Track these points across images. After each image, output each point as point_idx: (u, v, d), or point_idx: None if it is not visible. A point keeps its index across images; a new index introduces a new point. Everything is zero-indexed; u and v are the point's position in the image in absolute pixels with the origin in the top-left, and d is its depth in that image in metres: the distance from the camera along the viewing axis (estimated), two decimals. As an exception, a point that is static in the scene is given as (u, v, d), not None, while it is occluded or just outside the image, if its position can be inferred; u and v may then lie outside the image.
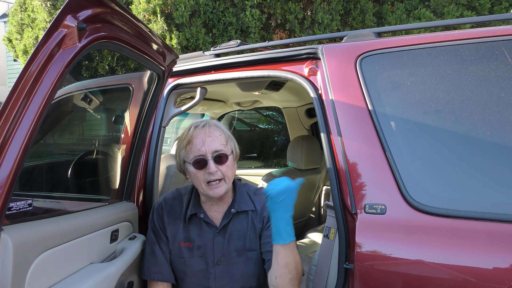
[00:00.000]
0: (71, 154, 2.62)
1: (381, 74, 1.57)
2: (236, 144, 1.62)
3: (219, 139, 1.52)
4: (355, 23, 5.55)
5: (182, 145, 1.54)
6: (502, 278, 1.18)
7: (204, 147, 1.49)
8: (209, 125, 1.55)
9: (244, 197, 1.63)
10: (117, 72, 5.67)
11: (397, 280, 1.32)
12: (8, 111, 1.04)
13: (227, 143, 1.55)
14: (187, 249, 1.59)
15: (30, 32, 6.64)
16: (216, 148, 1.50)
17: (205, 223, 1.59)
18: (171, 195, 1.69)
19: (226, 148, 1.53)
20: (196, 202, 1.62)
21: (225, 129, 1.60)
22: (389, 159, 1.43)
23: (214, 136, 1.52)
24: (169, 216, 1.63)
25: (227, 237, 1.57)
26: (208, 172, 1.49)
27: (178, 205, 1.65)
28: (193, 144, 1.50)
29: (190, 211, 1.60)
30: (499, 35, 1.41)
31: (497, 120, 1.35)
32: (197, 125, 1.55)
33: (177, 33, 5.07)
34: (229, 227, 1.59)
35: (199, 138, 1.51)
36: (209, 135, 1.51)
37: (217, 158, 1.50)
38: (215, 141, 1.51)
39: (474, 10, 5.60)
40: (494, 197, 1.31)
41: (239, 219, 1.60)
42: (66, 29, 1.11)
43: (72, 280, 1.34)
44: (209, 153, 1.49)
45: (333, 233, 1.61)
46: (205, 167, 1.49)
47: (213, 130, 1.53)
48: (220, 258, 1.57)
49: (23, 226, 1.17)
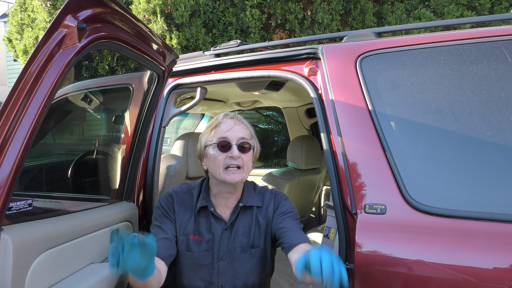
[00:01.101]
0: (71, 154, 2.62)
1: (381, 74, 1.57)
2: (259, 145, 1.67)
3: (245, 131, 1.58)
4: (355, 23, 5.55)
5: (208, 129, 1.58)
6: (502, 278, 1.18)
7: (231, 132, 1.54)
8: (238, 117, 1.61)
9: (251, 193, 1.65)
10: (117, 72, 5.67)
11: (397, 280, 1.32)
12: (8, 111, 1.04)
13: (251, 137, 1.60)
14: (196, 242, 1.58)
15: (30, 32, 6.64)
16: (243, 136, 1.54)
17: (214, 218, 1.59)
18: (180, 189, 1.66)
19: (251, 141, 1.58)
20: (206, 195, 1.62)
21: (252, 128, 1.65)
22: (389, 159, 1.43)
23: (242, 125, 1.58)
24: (180, 206, 1.61)
25: (233, 233, 1.58)
26: (230, 156, 1.51)
27: (189, 198, 1.64)
28: (221, 128, 1.55)
29: (201, 203, 1.60)
30: (499, 35, 1.41)
31: (497, 120, 1.35)
32: (227, 114, 1.61)
33: (177, 33, 5.06)
34: (236, 222, 1.60)
35: (227, 124, 1.55)
36: (237, 124, 1.57)
37: (241, 146, 1.53)
38: (241, 130, 1.56)
39: (474, 10, 5.60)
40: (494, 197, 1.31)
41: (245, 215, 1.61)
42: (66, 29, 1.11)
43: (72, 280, 1.34)
44: (234, 139, 1.53)
45: (333, 233, 1.61)
46: (228, 150, 1.52)
47: (241, 123, 1.60)
48: (225, 253, 1.57)
49: (23, 226, 1.17)
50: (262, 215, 1.62)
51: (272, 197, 1.65)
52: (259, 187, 1.72)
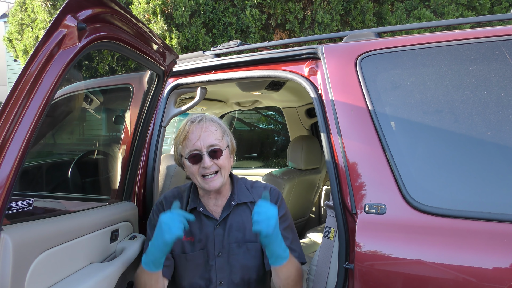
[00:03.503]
0: (71, 154, 2.61)
1: (381, 74, 1.57)
2: (233, 139, 1.65)
3: (215, 134, 1.55)
4: (355, 23, 5.54)
5: (179, 140, 1.58)
6: (502, 278, 1.18)
7: (199, 141, 1.52)
8: (205, 120, 1.58)
9: (242, 190, 1.67)
10: (117, 72, 5.67)
11: (397, 280, 1.32)
12: (8, 111, 1.04)
13: (222, 137, 1.57)
14: (189, 243, 1.61)
15: (30, 32, 6.64)
16: (211, 143, 1.53)
17: (205, 217, 1.62)
18: (171, 193, 1.72)
19: (222, 143, 1.56)
20: (195, 197, 1.65)
21: (222, 123, 1.62)
22: (389, 159, 1.43)
23: (209, 131, 1.54)
24: None
25: (227, 229, 1.60)
26: (203, 166, 1.52)
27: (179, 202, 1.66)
28: (189, 139, 1.54)
29: (190, 205, 1.63)
30: (499, 35, 1.41)
31: (497, 120, 1.35)
32: (193, 120, 1.58)
33: (177, 33, 5.06)
34: (229, 219, 1.62)
35: (194, 133, 1.53)
36: (204, 130, 1.54)
37: (212, 153, 1.52)
38: (210, 136, 1.53)
39: (474, 10, 5.59)
40: (494, 197, 1.31)
41: (239, 211, 1.63)
42: (66, 29, 1.11)
43: (72, 280, 1.34)
44: (204, 147, 1.52)
45: (333, 233, 1.61)
46: (200, 161, 1.52)
47: (209, 125, 1.56)
48: (221, 250, 1.59)
49: (23, 226, 1.17)
50: None
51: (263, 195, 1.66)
52: (250, 181, 1.73)
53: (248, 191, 1.67)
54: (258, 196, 1.65)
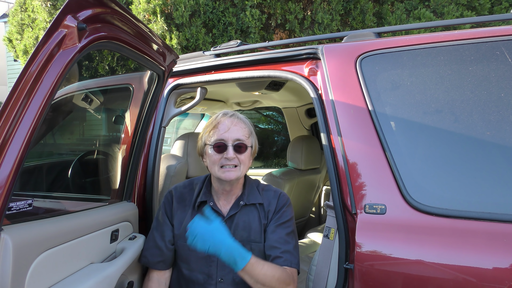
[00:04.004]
0: (71, 154, 2.61)
1: (381, 74, 1.57)
2: (257, 142, 1.69)
3: (243, 130, 1.60)
4: (355, 23, 5.54)
5: (207, 128, 1.62)
6: (502, 278, 1.18)
7: (228, 133, 1.57)
8: (237, 116, 1.63)
9: (253, 191, 1.69)
10: (117, 72, 5.67)
11: (397, 280, 1.32)
12: (8, 111, 1.04)
13: (249, 136, 1.62)
14: None
15: (30, 32, 6.64)
16: (239, 137, 1.57)
17: (213, 212, 1.62)
18: (182, 184, 1.76)
19: (248, 140, 1.61)
20: (207, 190, 1.69)
21: (250, 125, 1.67)
22: (389, 159, 1.43)
23: (239, 126, 1.60)
24: (179, 202, 1.69)
25: (233, 227, 1.62)
26: (226, 157, 1.55)
27: (189, 193, 1.71)
28: (218, 129, 1.58)
29: (201, 198, 1.66)
30: (499, 35, 1.41)
31: (497, 120, 1.35)
32: (226, 113, 1.63)
33: (177, 33, 5.06)
34: (236, 217, 1.64)
35: (224, 124, 1.58)
36: (235, 124, 1.59)
37: (237, 147, 1.57)
38: (239, 131, 1.58)
39: (474, 10, 5.59)
40: (494, 197, 1.31)
41: (247, 211, 1.65)
42: (66, 29, 1.11)
43: (72, 280, 1.34)
44: (230, 139, 1.56)
45: (333, 233, 1.61)
46: (224, 151, 1.56)
47: (239, 121, 1.61)
48: None
49: (23, 226, 1.17)
50: (263, 214, 1.65)
51: (276, 198, 1.68)
52: (262, 184, 1.76)
53: (258, 193, 1.69)
54: (267, 199, 1.68)
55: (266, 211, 1.66)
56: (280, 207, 1.66)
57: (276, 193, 1.70)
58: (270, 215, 1.64)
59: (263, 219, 1.64)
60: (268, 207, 1.66)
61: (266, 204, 1.67)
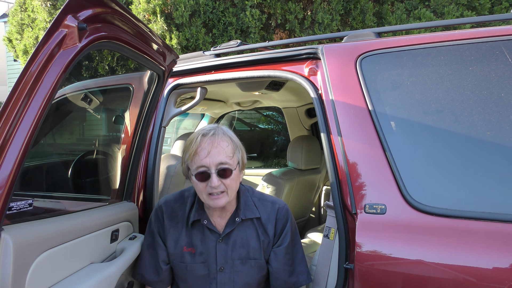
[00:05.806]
0: (71, 154, 2.62)
1: (381, 74, 1.57)
2: (244, 154, 1.58)
3: (226, 151, 1.47)
4: (355, 23, 5.55)
5: (188, 153, 1.50)
6: (502, 278, 1.18)
7: (209, 158, 1.44)
8: (217, 134, 1.49)
9: (248, 204, 1.60)
10: (117, 72, 5.67)
11: (397, 280, 1.32)
12: (8, 111, 1.04)
13: (233, 154, 1.49)
14: (190, 254, 1.58)
15: (30, 32, 6.64)
16: (221, 161, 1.45)
17: (208, 230, 1.58)
18: (173, 198, 1.66)
19: (232, 160, 1.48)
20: (199, 207, 1.60)
21: (235, 137, 1.55)
22: (389, 159, 1.43)
23: (220, 147, 1.46)
24: (171, 220, 1.61)
25: (230, 245, 1.56)
26: (210, 185, 1.45)
27: (180, 208, 1.62)
28: (198, 155, 1.46)
29: (194, 216, 1.58)
30: (499, 35, 1.41)
31: (497, 120, 1.35)
32: (205, 133, 1.49)
33: (177, 33, 5.07)
34: (233, 234, 1.57)
35: (205, 149, 1.45)
36: (215, 146, 1.46)
37: (221, 172, 1.45)
38: (220, 153, 1.45)
39: (474, 10, 5.60)
40: (494, 197, 1.31)
41: (244, 227, 1.59)
42: (66, 29, 1.11)
43: (72, 280, 1.34)
44: (213, 165, 1.44)
45: (333, 233, 1.61)
46: (207, 179, 1.45)
47: (220, 140, 1.48)
48: (223, 265, 1.56)
49: (23, 226, 1.17)
50: (261, 230, 1.59)
51: (274, 212, 1.60)
52: (257, 193, 1.67)
53: (254, 205, 1.60)
54: (265, 212, 1.59)
55: (264, 226, 1.58)
56: (282, 228, 1.58)
57: (274, 206, 1.61)
58: (269, 232, 1.58)
59: (262, 235, 1.58)
60: (266, 222, 1.58)
61: (264, 218, 1.59)
